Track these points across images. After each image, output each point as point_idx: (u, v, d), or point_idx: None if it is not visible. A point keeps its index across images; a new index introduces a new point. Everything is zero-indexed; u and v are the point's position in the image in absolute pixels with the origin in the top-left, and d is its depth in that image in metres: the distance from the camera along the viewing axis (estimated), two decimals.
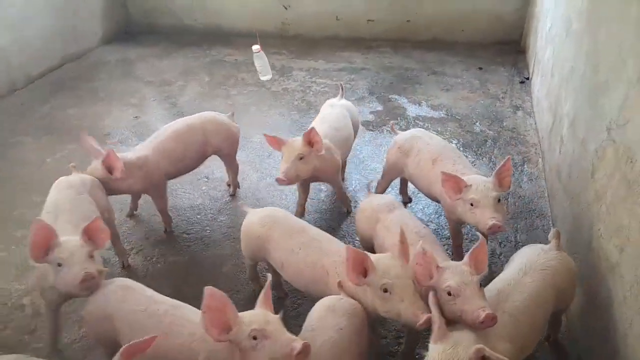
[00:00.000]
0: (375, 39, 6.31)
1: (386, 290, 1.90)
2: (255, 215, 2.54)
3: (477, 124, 4.44)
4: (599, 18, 2.73)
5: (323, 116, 3.31)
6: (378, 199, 2.65)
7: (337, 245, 2.32)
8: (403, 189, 3.41)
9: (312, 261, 2.26)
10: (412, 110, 4.72)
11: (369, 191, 2.78)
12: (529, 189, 3.56)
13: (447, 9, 6.02)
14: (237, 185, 3.64)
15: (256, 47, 3.96)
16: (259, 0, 6.39)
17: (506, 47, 5.93)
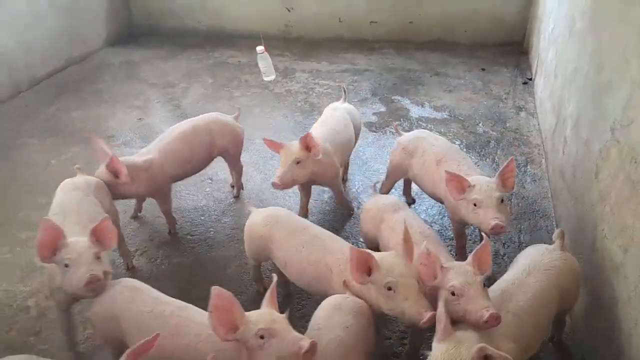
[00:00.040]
0: (377, 40, 6.33)
1: (390, 289, 1.91)
2: (257, 215, 2.55)
3: (480, 125, 4.44)
4: (603, 18, 2.74)
5: (324, 119, 3.32)
6: (383, 199, 2.67)
7: (340, 243, 2.33)
8: (406, 190, 3.42)
9: (316, 259, 2.27)
10: (415, 112, 4.72)
11: (374, 191, 2.79)
12: (533, 189, 3.56)
13: (450, 10, 6.03)
14: (241, 187, 3.64)
15: (260, 48, 3.99)
16: (261, 2, 6.42)
17: (509, 48, 5.94)
